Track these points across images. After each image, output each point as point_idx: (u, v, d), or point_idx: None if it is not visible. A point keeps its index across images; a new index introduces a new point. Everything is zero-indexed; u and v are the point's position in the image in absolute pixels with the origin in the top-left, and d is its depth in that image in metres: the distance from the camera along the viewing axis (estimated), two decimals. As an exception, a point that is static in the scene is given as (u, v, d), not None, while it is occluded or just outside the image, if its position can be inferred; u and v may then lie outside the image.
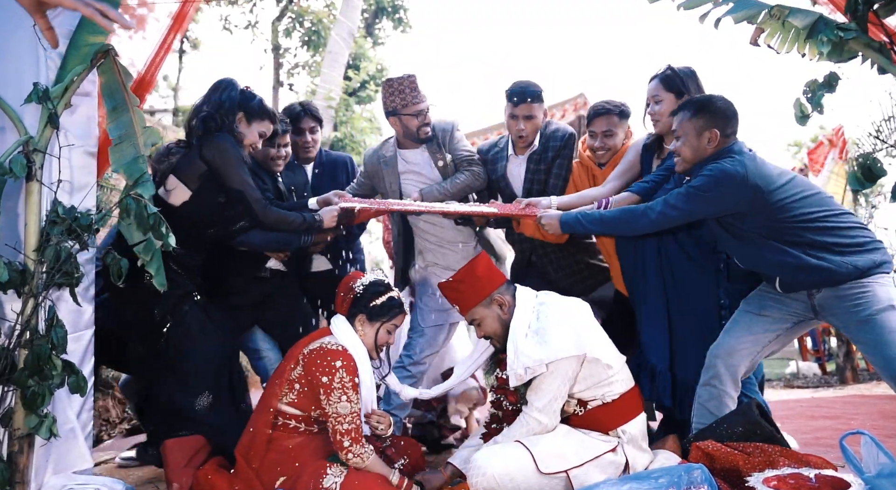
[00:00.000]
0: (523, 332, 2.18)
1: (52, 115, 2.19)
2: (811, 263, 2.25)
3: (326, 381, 2.16)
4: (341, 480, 2.11)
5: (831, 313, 2.33)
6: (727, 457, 2.20)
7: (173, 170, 2.51)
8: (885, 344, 2.15)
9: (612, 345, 2.27)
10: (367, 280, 2.38)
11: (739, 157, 2.29)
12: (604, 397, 2.18)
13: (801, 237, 2.26)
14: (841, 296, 2.26)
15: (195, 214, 2.55)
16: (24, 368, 2.09)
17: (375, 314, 2.33)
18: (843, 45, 2.32)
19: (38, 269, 2.15)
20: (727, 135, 2.35)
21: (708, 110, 2.35)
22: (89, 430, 2.49)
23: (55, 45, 1.77)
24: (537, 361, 2.11)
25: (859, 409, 4.44)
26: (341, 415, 2.15)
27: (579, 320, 2.22)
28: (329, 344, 2.24)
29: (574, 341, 2.12)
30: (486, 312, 2.27)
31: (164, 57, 3.03)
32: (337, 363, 2.18)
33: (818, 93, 2.44)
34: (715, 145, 2.34)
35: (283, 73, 14.22)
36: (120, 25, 1.75)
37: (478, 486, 2.04)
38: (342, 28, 10.02)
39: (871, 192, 6.37)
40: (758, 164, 2.30)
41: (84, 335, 2.43)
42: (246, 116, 2.61)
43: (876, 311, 2.18)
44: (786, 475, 1.85)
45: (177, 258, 2.48)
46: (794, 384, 6.11)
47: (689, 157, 2.38)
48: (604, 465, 2.11)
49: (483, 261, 2.34)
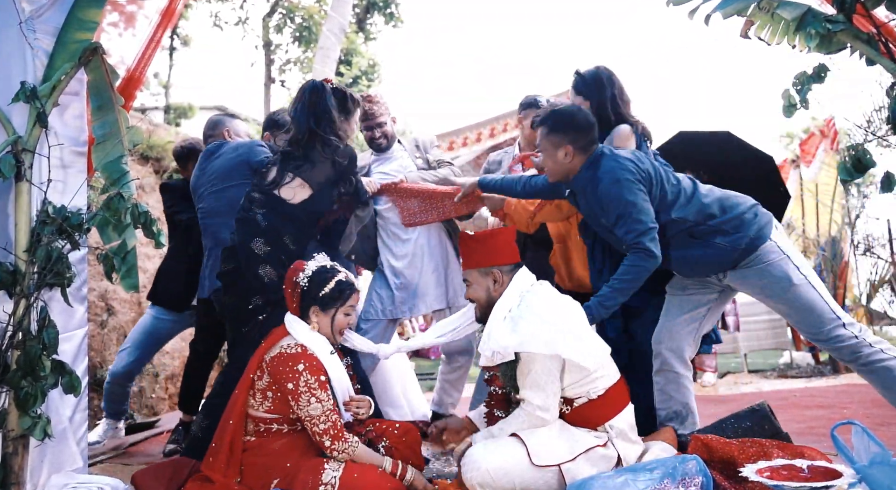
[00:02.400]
0: (502, 314, 2.19)
1: (40, 115, 2.18)
2: (702, 253, 2.41)
3: (292, 388, 2.15)
4: (340, 474, 2.11)
5: (743, 289, 2.52)
6: (724, 448, 2.22)
7: (297, 171, 2.66)
8: (797, 317, 2.40)
9: (595, 343, 2.21)
10: (309, 271, 2.33)
11: (609, 155, 2.44)
12: (589, 394, 2.18)
13: (688, 227, 2.40)
14: (743, 277, 2.43)
15: (312, 210, 2.71)
16: (16, 369, 2.08)
17: (327, 303, 2.30)
18: (831, 36, 2.33)
19: (29, 269, 2.14)
20: (582, 147, 2.45)
21: (561, 127, 2.45)
22: (84, 431, 2.49)
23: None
24: (505, 347, 2.11)
25: (852, 398, 4.46)
26: (314, 416, 2.15)
27: (561, 319, 2.16)
28: (288, 348, 2.22)
29: (546, 339, 2.09)
30: (479, 279, 2.29)
31: (153, 53, 3.01)
32: (299, 367, 2.17)
33: (806, 85, 2.45)
34: (572, 159, 2.45)
35: (275, 70, 14.17)
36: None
37: (472, 480, 2.05)
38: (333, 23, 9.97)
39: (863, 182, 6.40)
40: (625, 154, 2.46)
41: (76, 335, 2.43)
42: (345, 115, 2.80)
43: (781, 291, 2.37)
44: (779, 466, 1.87)
45: (284, 252, 2.60)
46: (787, 374, 6.13)
47: (552, 171, 2.51)
48: (595, 459, 2.12)
49: (506, 234, 2.34)
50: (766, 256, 2.38)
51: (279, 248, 2.61)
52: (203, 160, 3.11)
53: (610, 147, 2.55)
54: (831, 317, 2.34)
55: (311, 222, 2.73)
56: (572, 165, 2.48)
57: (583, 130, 2.47)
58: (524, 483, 2.06)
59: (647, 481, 1.87)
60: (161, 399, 4.83)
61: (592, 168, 2.44)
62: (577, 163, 2.47)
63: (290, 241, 2.63)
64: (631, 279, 2.35)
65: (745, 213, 2.43)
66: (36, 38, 2.27)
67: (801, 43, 2.44)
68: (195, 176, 3.10)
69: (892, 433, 3.17)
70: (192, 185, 3.12)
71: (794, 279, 2.36)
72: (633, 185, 2.37)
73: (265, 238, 2.61)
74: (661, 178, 2.46)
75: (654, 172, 2.46)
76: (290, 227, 2.64)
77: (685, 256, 2.45)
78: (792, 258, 2.40)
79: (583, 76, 2.83)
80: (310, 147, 2.70)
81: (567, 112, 2.52)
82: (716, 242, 2.39)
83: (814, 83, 2.46)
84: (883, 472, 1.78)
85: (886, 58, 2.34)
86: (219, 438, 2.26)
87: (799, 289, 2.36)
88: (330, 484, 2.10)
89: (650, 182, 2.43)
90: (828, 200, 6.99)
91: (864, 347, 2.33)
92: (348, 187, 2.80)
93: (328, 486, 2.09)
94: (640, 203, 2.36)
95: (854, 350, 2.34)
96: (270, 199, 2.66)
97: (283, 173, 2.68)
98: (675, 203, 2.44)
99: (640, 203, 2.36)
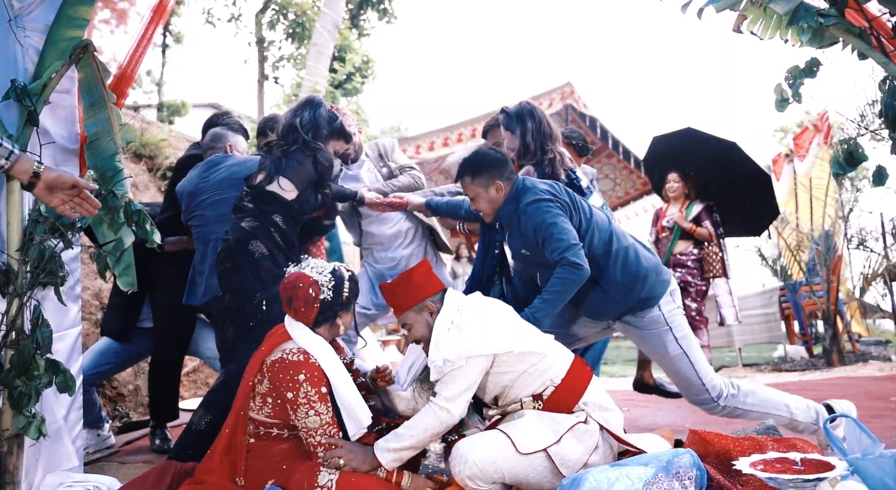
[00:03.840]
0: (445, 327, 2.22)
1: (31, 113, 2.17)
2: (596, 298, 2.57)
3: (292, 397, 2.12)
4: (336, 477, 2.10)
5: (631, 338, 2.73)
6: (719, 442, 2.23)
7: (283, 172, 2.75)
8: (672, 378, 2.66)
9: (535, 331, 2.30)
10: (325, 279, 2.25)
11: (529, 186, 2.59)
12: (553, 381, 2.21)
13: (593, 271, 2.51)
14: (627, 330, 2.66)
15: (300, 209, 2.83)
16: (10, 369, 2.08)
17: (348, 303, 2.30)
18: (823, 31, 2.33)
19: (21, 268, 2.14)
20: (507, 178, 2.61)
21: (483, 168, 2.60)
22: (79, 430, 2.48)
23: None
24: (457, 354, 2.14)
25: (846, 390, 4.49)
26: (311, 428, 2.13)
27: (498, 317, 2.27)
28: (290, 354, 2.16)
29: (491, 339, 2.17)
30: (416, 318, 2.31)
31: (145, 51, 2.99)
32: (300, 377, 2.12)
33: (798, 79, 2.45)
34: (504, 191, 2.60)
35: (268, 67, 14.13)
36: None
37: (462, 474, 2.06)
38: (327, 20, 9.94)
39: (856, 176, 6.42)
40: (542, 185, 2.62)
41: (70, 334, 2.42)
42: (331, 133, 2.93)
43: (657, 356, 2.63)
44: (772, 459, 1.87)
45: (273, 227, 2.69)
46: (781, 367, 6.17)
47: (489, 210, 2.65)
48: (579, 435, 2.14)
49: (421, 268, 2.37)
50: (648, 322, 2.59)
51: (269, 224, 2.68)
52: (206, 169, 3.10)
53: (529, 178, 2.69)
54: (698, 385, 2.60)
55: (300, 212, 2.82)
56: (502, 198, 2.61)
57: (503, 163, 2.62)
58: (513, 471, 2.08)
59: (642, 475, 1.87)
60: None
61: (515, 200, 2.59)
62: (504, 195, 2.61)
63: (281, 221, 2.71)
64: (559, 291, 2.45)
65: (645, 271, 2.58)
66: (26, 36, 2.26)
67: (793, 37, 2.44)
68: (194, 184, 3.08)
69: (885, 425, 3.19)
70: (188, 192, 3.09)
71: (670, 350, 2.59)
72: (552, 208, 2.51)
73: (254, 217, 2.69)
74: (579, 209, 2.60)
75: (572, 202, 2.60)
76: (279, 209, 2.72)
77: (583, 299, 2.59)
78: (673, 330, 2.59)
79: (508, 113, 3.05)
80: (293, 147, 2.80)
81: (480, 153, 2.69)
82: (610, 290, 2.56)
83: (806, 77, 2.46)
84: (874, 464, 1.79)
85: (878, 52, 2.35)
86: (216, 443, 2.24)
87: (673, 358, 2.59)
88: (326, 486, 2.08)
89: (569, 210, 2.56)
90: (821, 195, 7.02)
91: (721, 409, 2.62)
92: (327, 194, 2.94)
93: (324, 489, 2.09)
94: (559, 223, 2.48)
95: (711, 409, 2.64)
96: (260, 192, 2.74)
97: (270, 173, 2.76)
98: (588, 238, 2.57)
99: (559, 223, 2.48)
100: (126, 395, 4.52)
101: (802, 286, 6.49)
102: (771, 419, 2.56)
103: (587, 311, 2.68)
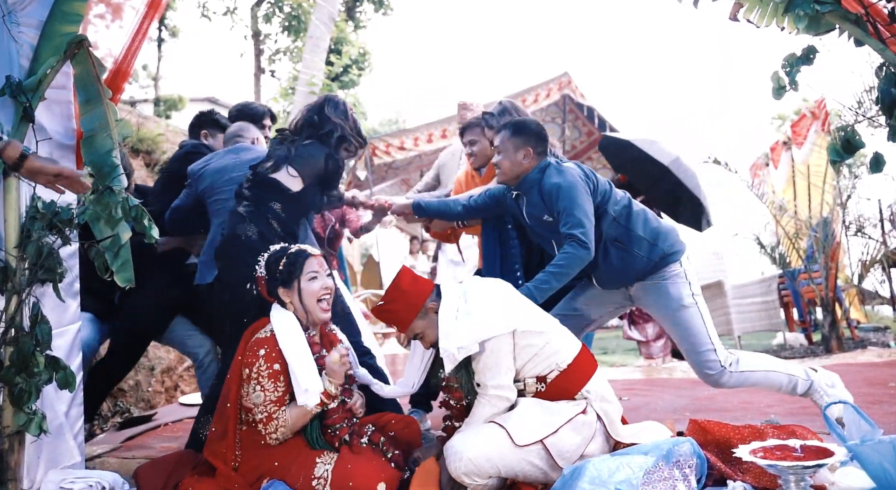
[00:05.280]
0: (452, 315, 2.21)
1: (26, 109, 2.16)
2: (620, 259, 2.62)
3: (247, 374, 2.16)
4: (332, 467, 2.11)
5: (644, 304, 2.78)
6: (719, 430, 2.25)
7: (292, 163, 2.71)
8: (681, 335, 2.65)
9: (539, 311, 2.33)
10: (263, 259, 2.36)
11: (559, 165, 2.70)
12: (559, 366, 2.22)
13: (615, 234, 2.61)
14: (646, 289, 2.68)
15: (302, 202, 2.78)
16: (10, 366, 2.08)
17: (286, 279, 2.30)
18: (819, 18, 2.32)
19: (20, 265, 2.13)
20: (539, 153, 2.72)
21: (524, 131, 2.71)
22: (80, 426, 2.49)
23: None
24: (470, 340, 2.14)
25: (844, 377, 4.46)
26: (256, 405, 2.15)
27: (503, 296, 2.28)
28: (262, 334, 2.24)
29: (501, 318, 2.18)
30: (423, 323, 2.29)
31: (140, 45, 2.98)
32: (261, 352, 2.17)
33: (795, 66, 2.45)
34: (529, 161, 2.70)
35: (265, 60, 14.06)
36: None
37: (457, 470, 2.07)
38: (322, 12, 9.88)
39: (854, 163, 6.41)
40: (571, 165, 2.72)
41: (69, 330, 2.43)
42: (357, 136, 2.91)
43: (674, 309, 2.64)
44: (772, 446, 1.88)
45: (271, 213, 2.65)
46: (780, 355, 6.18)
47: (508, 170, 2.73)
48: (577, 426, 2.14)
49: (405, 275, 2.35)
50: (671, 274, 2.64)
51: (266, 211, 2.64)
52: (231, 151, 3.09)
53: (557, 159, 2.79)
54: (708, 344, 2.62)
55: (302, 205, 2.76)
56: (527, 167, 2.71)
57: (541, 138, 2.73)
58: (508, 465, 2.08)
59: (642, 464, 1.88)
60: (157, 393, 4.84)
61: (542, 172, 2.69)
62: (531, 165, 2.71)
63: (280, 209, 2.67)
64: (565, 265, 2.49)
65: (666, 229, 2.70)
66: (20, 32, 2.25)
67: (789, 24, 2.43)
68: (222, 161, 3.04)
69: (883, 411, 3.20)
70: (215, 169, 3.02)
71: (686, 302, 2.63)
72: (578, 185, 2.59)
73: (250, 201, 2.66)
74: (603, 189, 2.69)
75: (597, 182, 2.69)
76: (280, 197, 2.67)
77: (608, 262, 2.65)
78: (691, 284, 2.66)
79: (491, 113, 3.15)
80: (309, 140, 2.76)
81: (529, 120, 2.82)
82: (634, 251, 2.62)
83: (803, 65, 2.45)
84: (874, 450, 1.80)
85: (875, 38, 2.34)
86: (217, 422, 2.26)
87: (688, 310, 2.63)
88: (322, 478, 2.09)
89: (594, 190, 2.65)
90: (819, 182, 7.02)
91: (725, 375, 2.63)
92: (333, 195, 2.94)
93: (321, 480, 2.09)
94: (581, 202, 2.55)
95: (717, 379, 2.64)
96: (263, 179, 2.70)
97: (278, 161, 2.72)
98: (609, 203, 2.66)
99: (581, 202, 2.55)
100: (127, 390, 4.53)
101: (801, 274, 6.50)
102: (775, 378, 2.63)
103: (610, 277, 2.70)
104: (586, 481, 1.82)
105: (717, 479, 2.09)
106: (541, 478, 2.13)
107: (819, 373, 2.69)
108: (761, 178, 8.53)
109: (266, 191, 2.67)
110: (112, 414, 4.21)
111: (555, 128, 8.17)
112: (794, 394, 2.67)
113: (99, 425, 3.91)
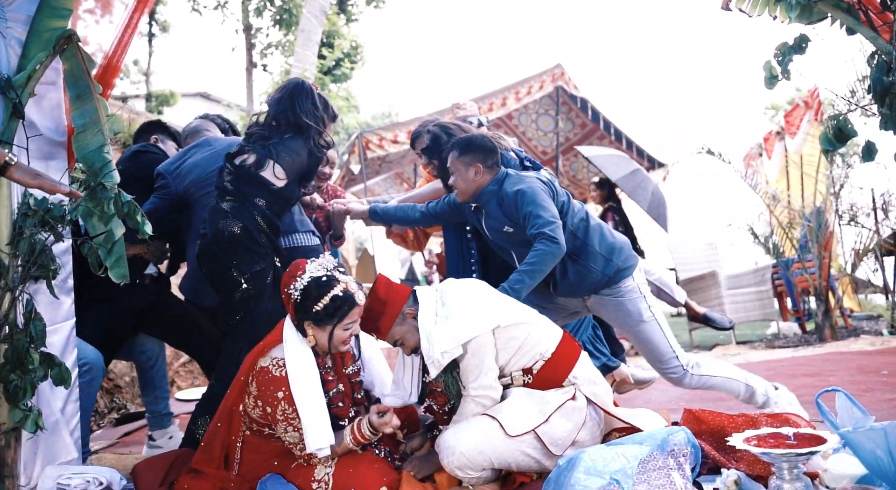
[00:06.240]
0: (432, 320, 2.21)
1: (16, 105, 2.15)
2: (575, 273, 2.65)
3: (271, 412, 2.11)
4: (332, 470, 2.10)
5: (603, 315, 2.86)
6: (714, 419, 2.27)
7: (277, 159, 2.64)
8: (644, 348, 2.72)
9: (517, 303, 2.36)
10: (303, 281, 2.13)
11: (514, 174, 2.74)
12: (543, 355, 2.23)
13: (574, 247, 2.63)
14: (603, 303, 2.72)
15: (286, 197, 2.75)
16: (4, 363, 2.08)
17: (322, 320, 2.12)
18: (811, 6, 2.33)
19: (12, 262, 2.13)
20: (489, 166, 2.72)
21: (469, 149, 2.72)
22: (76, 422, 2.48)
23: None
24: (453, 344, 2.15)
25: (838, 365, 4.54)
26: (292, 443, 2.13)
27: (479, 295, 2.29)
28: (275, 366, 2.12)
29: (481, 317, 2.19)
30: (402, 330, 2.27)
31: (130, 40, 2.95)
32: (279, 394, 2.09)
33: (788, 56, 2.45)
34: (482, 176, 2.71)
35: (256, 54, 14.00)
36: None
37: (450, 464, 2.08)
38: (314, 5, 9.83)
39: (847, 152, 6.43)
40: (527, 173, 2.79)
41: (64, 327, 2.41)
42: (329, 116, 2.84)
43: (633, 324, 2.69)
44: (765, 434, 1.90)
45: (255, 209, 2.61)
46: (774, 344, 6.21)
47: (463, 189, 2.75)
48: (567, 412, 2.16)
49: (381, 282, 2.34)
50: (626, 290, 2.68)
51: (250, 207, 2.57)
52: (208, 143, 3.00)
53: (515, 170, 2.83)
54: (669, 352, 2.69)
55: (285, 200, 2.70)
56: (481, 182, 2.71)
57: (489, 150, 2.73)
58: (501, 457, 2.10)
59: (637, 454, 1.89)
60: (154, 388, 4.82)
61: (500, 183, 2.71)
62: (485, 180, 2.72)
63: (264, 205, 2.60)
64: (537, 262, 2.51)
65: (620, 243, 2.73)
66: (8, 27, 2.23)
67: (781, 13, 2.44)
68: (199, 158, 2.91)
69: (876, 398, 3.23)
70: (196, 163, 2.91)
71: (645, 316, 2.68)
72: (540, 189, 2.63)
73: (234, 196, 2.58)
74: (562, 200, 2.71)
75: (556, 192, 2.72)
76: (264, 194, 2.60)
77: (565, 277, 2.69)
78: (647, 298, 2.71)
79: (427, 146, 3.11)
80: (289, 135, 2.67)
81: (473, 136, 2.83)
82: (590, 266, 2.65)
83: (795, 54, 2.46)
84: (866, 437, 1.81)
85: (866, 27, 2.34)
86: (210, 436, 2.25)
87: (647, 324, 2.68)
88: (323, 481, 2.08)
89: (554, 200, 2.67)
90: (812, 171, 7.03)
91: (687, 377, 2.70)
92: (309, 189, 2.91)
93: (321, 484, 2.08)
94: (543, 203, 2.57)
95: (679, 380, 2.71)
96: (247, 175, 2.60)
97: (261, 158, 2.62)
98: (568, 215, 2.69)
99: (543, 203, 2.57)
100: (123, 386, 4.53)
101: (795, 263, 6.52)
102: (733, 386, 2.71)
103: (566, 289, 2.72)
104: (581, 471, 1.83)
105: (712, 467, 2.11)
106: (535, 466, 2.14)
107: (779, 391, 2.74)
108: (755, 169, 8.53)
109: (251, 187, 2.60)
110: (109, 410, 4.21)
111: (548, 119, 8.15)
112: (750, 403, 2.72)
113: (96, 421, 3.91)
